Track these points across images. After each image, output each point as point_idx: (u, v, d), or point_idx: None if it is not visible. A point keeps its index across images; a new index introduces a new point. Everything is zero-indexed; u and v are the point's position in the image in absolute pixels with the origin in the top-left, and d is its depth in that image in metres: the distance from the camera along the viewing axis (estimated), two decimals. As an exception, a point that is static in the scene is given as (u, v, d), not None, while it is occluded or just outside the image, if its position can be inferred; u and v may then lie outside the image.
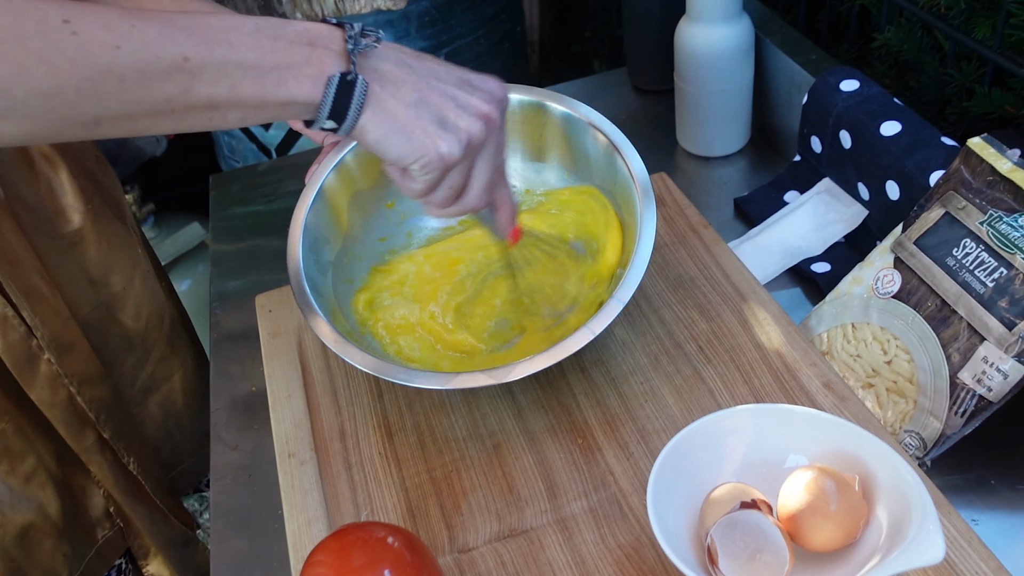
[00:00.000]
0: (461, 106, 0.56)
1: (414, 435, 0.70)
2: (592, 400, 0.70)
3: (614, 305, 0.64)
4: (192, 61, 0.49)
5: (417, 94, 0.55)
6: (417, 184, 0.58)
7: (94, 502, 0.85)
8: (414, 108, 0.54)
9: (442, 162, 0.56)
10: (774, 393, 0.67)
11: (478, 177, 0.59)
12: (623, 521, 0.62)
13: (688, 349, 0.72)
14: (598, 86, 1.17)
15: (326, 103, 0.52)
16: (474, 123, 0.56)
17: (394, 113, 0.54)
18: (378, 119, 0.54)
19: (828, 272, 0.80)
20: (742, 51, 0.90)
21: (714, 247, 0.80)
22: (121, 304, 0.85)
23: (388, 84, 0.54)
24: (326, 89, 0.52)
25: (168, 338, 0.91)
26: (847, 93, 0.81)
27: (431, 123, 0.55)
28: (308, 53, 0.52)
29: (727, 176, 0.97)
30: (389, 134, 0.54)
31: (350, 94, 0.53)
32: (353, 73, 0.53)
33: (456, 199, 0.60)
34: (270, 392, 0.75)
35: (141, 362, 0.88)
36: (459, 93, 0.56)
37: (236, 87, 0.50)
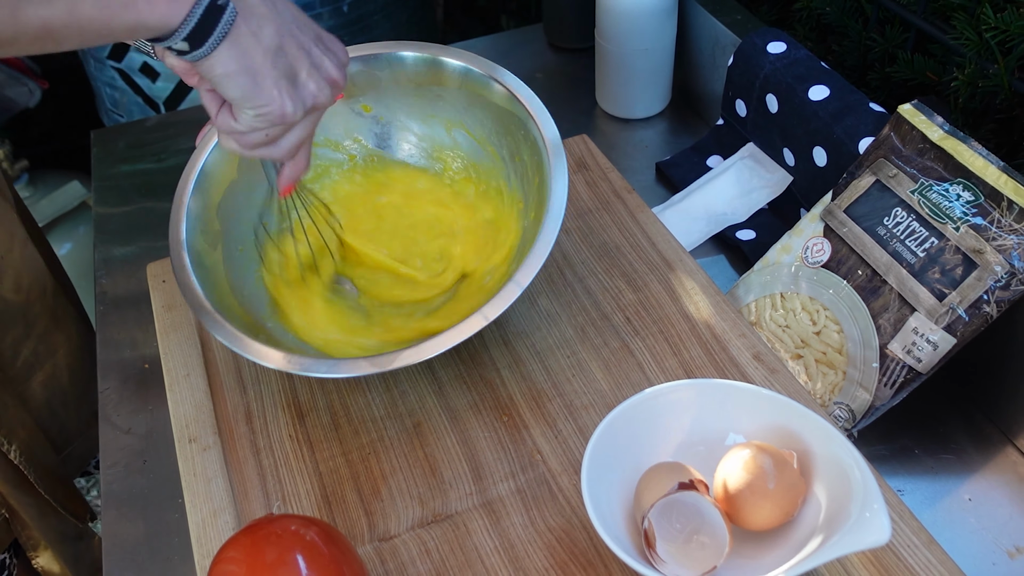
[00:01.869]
0: (315, 65, 0.52)
1: (327, 415, 0.65)
2: (517, 375, 0.67)
3: (512, 289, 0.59)
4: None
5: (278, 39, 0.50)
6: (239, 125, 0.53)
7: None
8: (272, 54, 0.50)
9: (281, 119, 0.52)
10: (704, 366, 0.66)
11: (296, 135, 0.55)
12: (553, 503, 0.59)
13: (615, 320, 0.70)
14: (511, 43, 1.12)
15: (187, 25, 0.46)
16: (323, 88, 0.53)
17: (251, 52, 0.49)
18: (232, 53, 0.48)
19: (753, 239, 0.78)
20: (665, 8, 0.87)
21: (639, 213, 0.78)
22: None
23: (252, 19, 0.49)
24: (191, 10, 0.46)
25: (51, 310, 0.83)
26: (774, 55, 0.79)
27: (283, 76, 0.51)
28: None
29: (648, 139, 0.95)
30: (239, 72, 0.49)
31: (216, 21, 0.47)
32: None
33: (265, 146, 0.55)
34: (166, 370, 0.69)
35: (22, 338, 0.80)
36: (315, 49, 0.52)
37: (75, 9, 0.43)
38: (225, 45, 0.48)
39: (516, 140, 0.69)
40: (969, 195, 0.60)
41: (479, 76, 0.70)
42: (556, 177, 0.63)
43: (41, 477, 0.82)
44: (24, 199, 1.56)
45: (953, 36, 0.73)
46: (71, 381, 0.87)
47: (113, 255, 0.86)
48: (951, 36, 0.73)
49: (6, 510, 0.81)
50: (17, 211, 0.82)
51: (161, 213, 0.90)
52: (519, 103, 0.67)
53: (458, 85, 0.71)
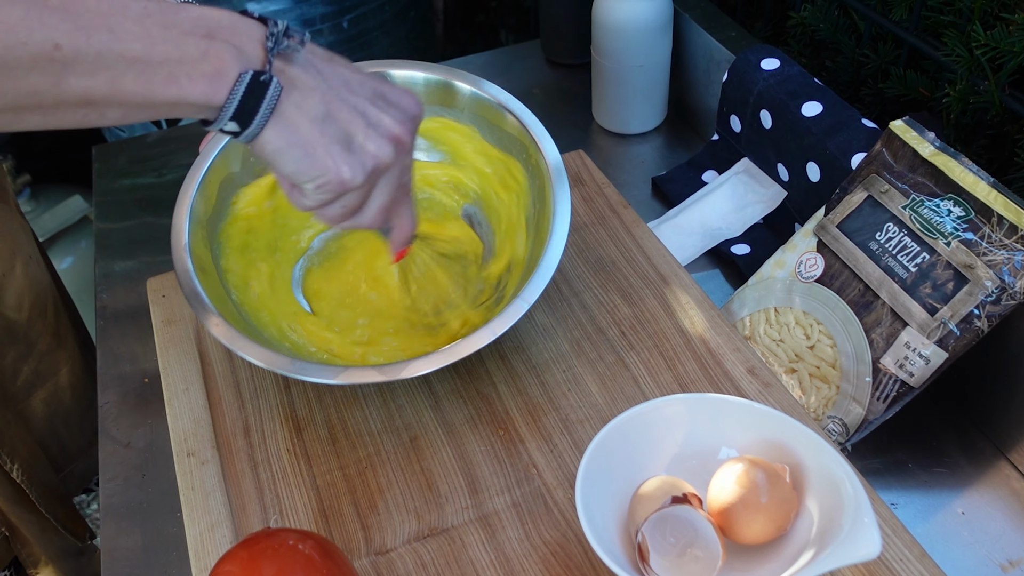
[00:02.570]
0: (372, 125, 0.50)
1: (325, 429, 0.66)
2: (513, 389, 0.67)
3: (519, 305, 0.60)
4: (65, 49, 0.41)
5: (325, 106, 0.49)
6: (308, 201, 0.52)
7: None
8: (320, 123, 0.49)
9: (341, 187, 0.50)
10: (699, 380, 0.66)
11: (377, 199, 0.54)
12: (548, 517, 0.59)
13: (611, 335, 0.70)
14: (509, 58, 1.13)
15: (231, 104, 0.46)
16: (383, 146, 0.51)
17: (297, 125, 0.48)
18: (278, 129, 0.48)
19: (748, 254, 0.79)
20: (660, 25, 0.88)
21: (635, 228, 0.78)
22: (1, 293, 0.77)
23: (294, 91, 0.48)
24: (233, 88, 0.45)
25: (53, 329, 0.84)
26: (768, 72, 0.80)
27: (335, 142, 0.49)
28: (205, 47, 0.45)
29: (644, 154, 0.95)
30: (288, 147, 0.48)
31: (260, 97, 0.46)
32: (268, 74, 0.46)
33: (350, 216, 0.54)
34: (165, 385, 0.69)
35: (24, 356, 0.81)
36: (371, 109, 0.51)
37: (117, 82, 0.43)
38: (271, 121, 0.47)
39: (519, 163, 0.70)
40: (960, 211, 0.61)
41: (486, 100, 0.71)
42: (559, 201, 0.64)
43: (42, 496, 0.82)
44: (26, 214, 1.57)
45: (944, 53, 0.73)
46: (73, 400, 0.87)
47: (114, 270, 0.86)
48: (942, 53, 0.74)
49: (6, 528, 0.81)
50: (23, 228, 0.83)
51: (162, 228, 0.91)
52: (522, 127, 0.68)
53: (464, 107, 0.72)
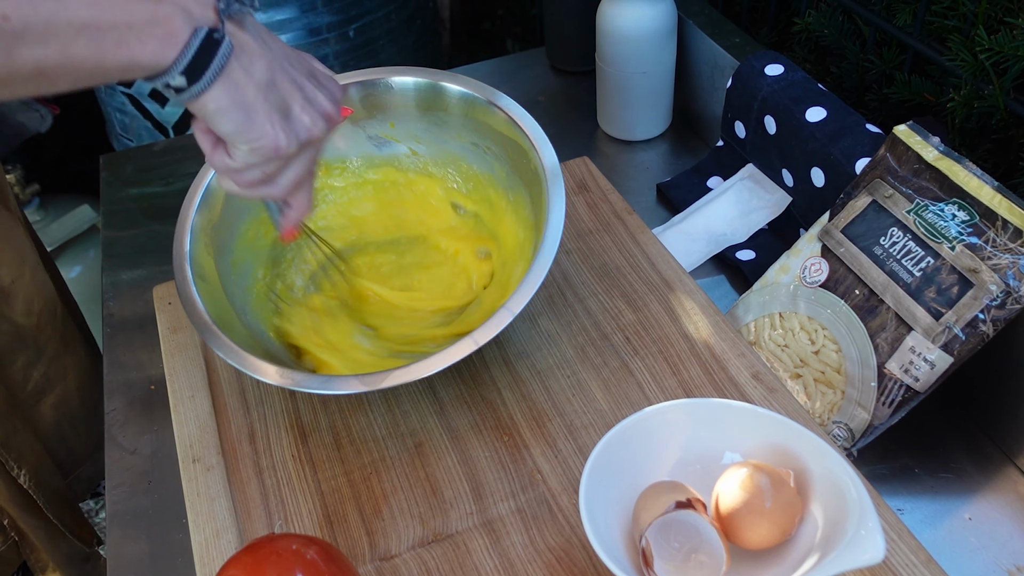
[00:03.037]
0: (308, 99, 0.53)
1: (329, 435, 0.66)
2: (517, 395, 0.67)
3: (503, 315, 0.60)
4: (13, 20, 0.41)
5: (270, 74, 0.50)
6: (234, 163, 0.53)
7: None
8: (264, 89, 0.50)
9: (275, 152, 0.52)
10: (703, 385, 0.66)
11: (293, 171, 0.56)
12: (552, 522, 0.59)
13: (615, 340, 0.70)
14: (514, 66, 1.13)
15: (183, 59, 0.46)
16: (317, 121, 0.53)
17: (242, 87, 0.49)
18: (224, 88, 0.49)
19: (753, 260, 0.79)
20: (665, 32, 0.88)
21: (639, 234, 0.78)
22: (9, 299, 0.78)
23: (243, 55, 0.49)
24: (187, 44, 0.46)
25: (61, 334, 0.84)
26: (772, 78, 0.80)
27: (275, 109, 0.51)
28: (153, 9, 0.45)
29: (649, 161, 0.96)
30: (231, 107, 0.49)
31: (212, 54, 0.47)
32: (221, 32, 0.47)
33: (264, 184, 0.56)
34: (171, 392, 0.70)
35: (33, 362, 0.81)
36: (307, 84, 0.53)
37: (67, 49, 0.43)
38: (218, 81, 0.48)
39: (516, 166, 0.70)
40: (964, 215, 0.61)
41: (480, 102, 0.71)
42: (553, 205, 0.64)
43: (49, 501, 0.82)
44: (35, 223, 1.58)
45: (949, 57, 0.73)
46: (80, 404, 0.88)
47: (121, 278, 0.87)
48: (947, 57, 0.74)
49: (15, 533, 0.81)
50: (29, 236, 0.83)
51: (169, 236, 0.91)
52: (519, 129, 0.69)
53: (460, 111, 0.72)
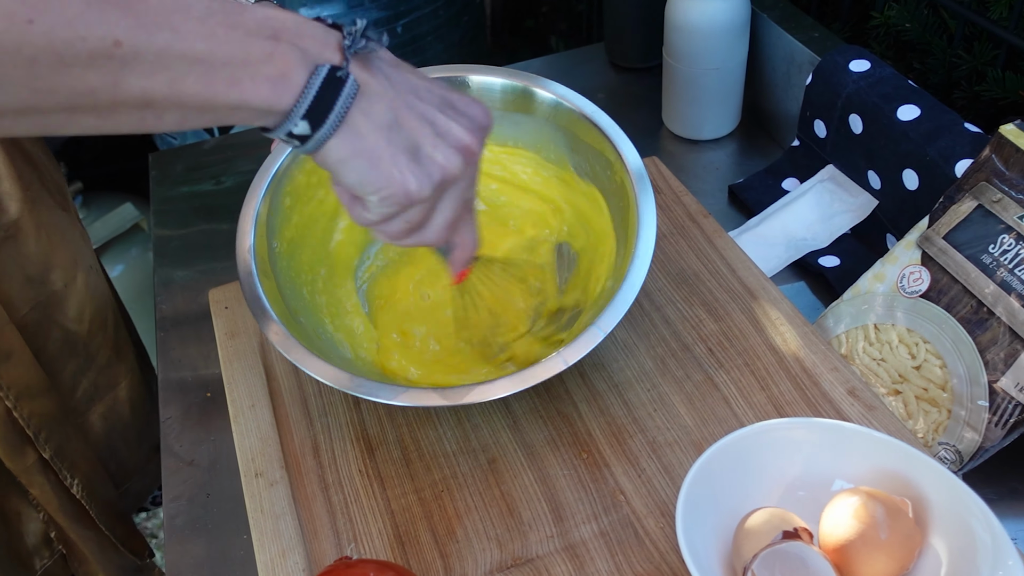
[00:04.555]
0: (440, 134, 0.47)
1: (398, 450, 0.63)
2: (595, 409, 0.64)
3: (594, 334, 0.56)
4: (125, 46, 0.38)
5: (392, 114, 0.46)
6: (370, 215, 0.49)
7: (30, 528, 0.76)
8: (387, 131, 0.45)
9: (407, 199, 0.47)
10: (795, 402, 0.62)
11: (442, 214, 0.50)
12: (640, 547, 0.55)
13: (697, 352, 0.66)
14: (570, 63, 1.10)
15: (303, 101, 0.42)
16: (452, 157, 0.48)
17: (363, 133, 0.45)
18: (344, 137, 0.45)
19: (838, 266, 0.74)
20: (738, 26, 0.84)
21: (716, 239, 0.74)
22: (62, 304, 0.75)
23: (363, 98, 0.45)
24: (306, 84, 0.42)
25: (113, 341, 0.82)
26: (858, 74, 0.75)
27: (402, 152, 0.46)
28: (270, 49, 0.42)
29: (718, 161, 0.91)
30: (353, 156, 0.45)
31: (335, 95, 0.43)
32: (345, 70, 0.43)
33: (412, 233, 0.51)
34: (231, 401, 0.67)
35: (83, 369, 0.78)
36: (439, 117, 0.47)
37: (177, 83, 0.40)
38: (338, 129, 0.44)
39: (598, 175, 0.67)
40: (1085, 221, 0.56)
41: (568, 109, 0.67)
42: (644, 219, 0.60)
43: (101, 512, 0.80)
44: (78, 221, 1.56)
45: (1053, 53, 0.69)
46: (131, 414, 0.85)
47: (173, 279, 0.84)
48: (1050, 53, 0.69)
49: (63, 545, 0.79)
50: (84, 239, 0.81)
51: (220, 235, 0.89)
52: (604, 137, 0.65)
53: (546, 116, 0.68)
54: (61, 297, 0.75)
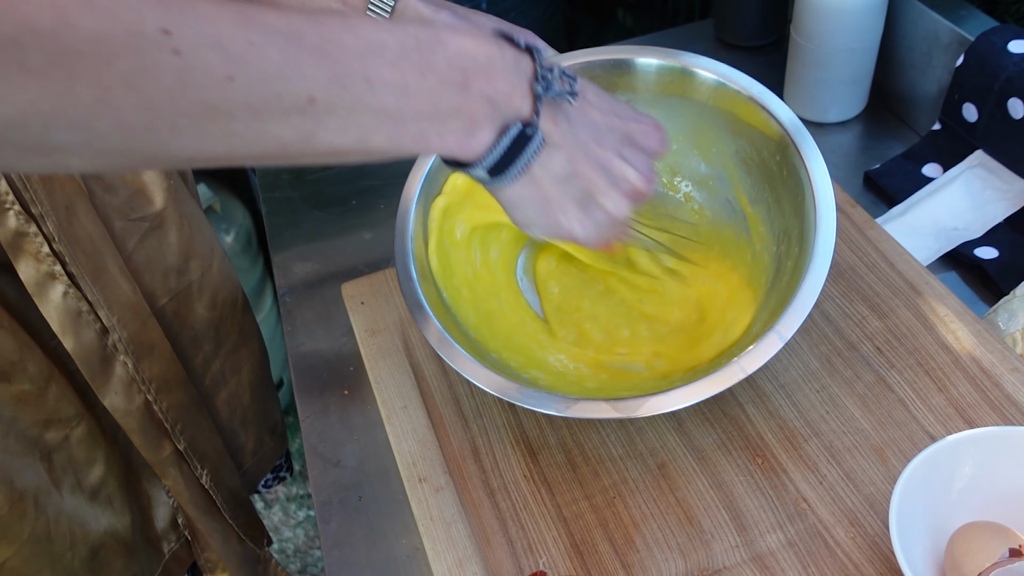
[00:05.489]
0: (613, 182, 0.49)
1: (561, 454, 0.61)
2: (763, 411, 0.62)
3: (773, 341, 0.54)
4: (319, 103, 0.37)
5: (570, 166, 0.47)
6: (533, 235, 0.51)
7: (160, 512, 0.75)
8: (562, 182, 0.47)
9: (571, 239, 0.50)
10: (977, 404, 0.59)
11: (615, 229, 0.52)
12: (832, 559, 0.54)
13: (864, 351, 0.64)
14: (678, 41, 1.06)
15: (489, 158, 0.44)
16: (621, 203, 0.49)
17: (539, 182, 0.47)
18: (521, 183, 0.46)
19: (996, 258, 0.71)
20: (877, 4, 0.81)
21: (868, 229, 0.71)
22: (198, 293, 0.74)
23: (544, 150, 0.46)
24: (494, 143, 0.43)
25: (240, 325, 0.81)
26: (1019, 55, 0.72)
27: (573, 201, 0.48)
28: (459, 100, 0.42)
29: (847, 144, 0.88)
30: (525, 201, 0.48)
31: (520, 151, 0.44)
32: (534, 127, 0.44)
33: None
34: (381, 402, 0.65)
35: (213, 355, 0.78)
36: (615, 163, 0.48)
37: (366, 138, 0.40)
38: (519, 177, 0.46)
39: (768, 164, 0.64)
40: None
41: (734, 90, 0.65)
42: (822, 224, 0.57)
43: (226, 501, 0.79)
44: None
45: None
46: (251, 397, 0.84)
47: (294, 273, 0.82)
48: None
49: (188, 531, 0.79)
50: (210, 226, 0.79)
51: (333, 228, 0.87)
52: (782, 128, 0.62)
53: (706, 99, 0.66)
54: (199, 286, 0.74)
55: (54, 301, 0.61)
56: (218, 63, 0.34)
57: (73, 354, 0.62)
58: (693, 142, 0.69)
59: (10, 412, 0.61)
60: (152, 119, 0.33)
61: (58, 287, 0.61)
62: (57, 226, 0.59)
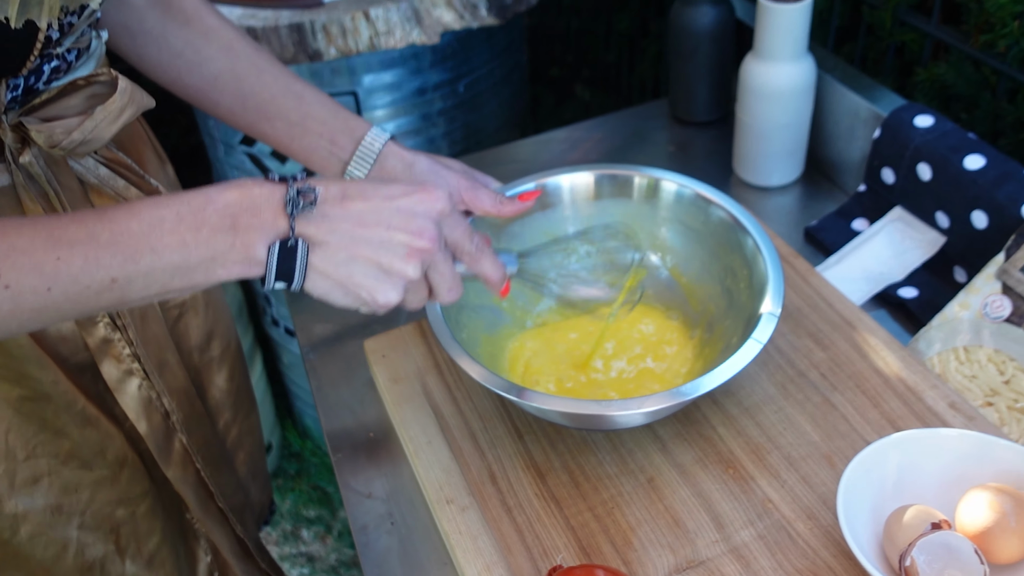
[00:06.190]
0: (393, 250, 0.55)
1: (565, 474, 0.72)
2: (732, 431, 0.74)
3: (752, 346, 0.67)
4: (120, 280, 0.51)
5: (345, 252, 0.55)
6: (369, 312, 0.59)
7: (200, 568, 0.84)
8: (346, 266, 0.55)
9: (387, 307, 0.57)
10: (906, 415, 0.72)
11: (439, 283, 0.60)
12: (795, 547, 0.65)
13: (812, 377, 0.76)
14: (637, 119, 1.20)
15: (270, 273, 0.53)
16: (408, 264, 0.56)
17: (328, 272, 0.55)
18: (315, 279, 0.55)
19: (917, 297, 0.85)
20: (806, 87, 0.96)
21: (810, 277, 0.85)
22: (219, 367, 0.85)
23: (317, 249, 0.54)
24: (267, 261, 0.53)
25: (249, 394, 0.92)
26: (923, 128, 0.87)
27: (366, 276, 0.55)
28: (231, 240, 0.52)
29: (788, 205, 1.02)
30: (330, 290, 0.56)
31: (293, 259, 0.54)
32: (293, 239, 0.53)
33: (425, 301, 0.61)
34: (407, 439, 0.76)
35: (231, 422, 0.88)
36: (388, 236, 0.55)
37: (166, 286, 0.52)
38: (308, 275, 0.55)
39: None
40: None
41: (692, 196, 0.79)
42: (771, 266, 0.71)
43: (256, 548, 0.89)
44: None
45: (1094, 106, 0.80)
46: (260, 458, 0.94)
47: (315, 333, 0.93)
48: (1091, 106, 0.81)
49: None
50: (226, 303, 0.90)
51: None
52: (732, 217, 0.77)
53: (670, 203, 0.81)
54: (219, 362, 0.85)
55: (131, 393, 0.71)
56: (38, 282, 0.49)
57: (145, 436, 0.73)
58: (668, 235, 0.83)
59: (88, 494, 0.71)
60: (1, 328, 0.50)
61: (134, 381, 0.72)
62: (135, 332, 0.70)
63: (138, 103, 0.62)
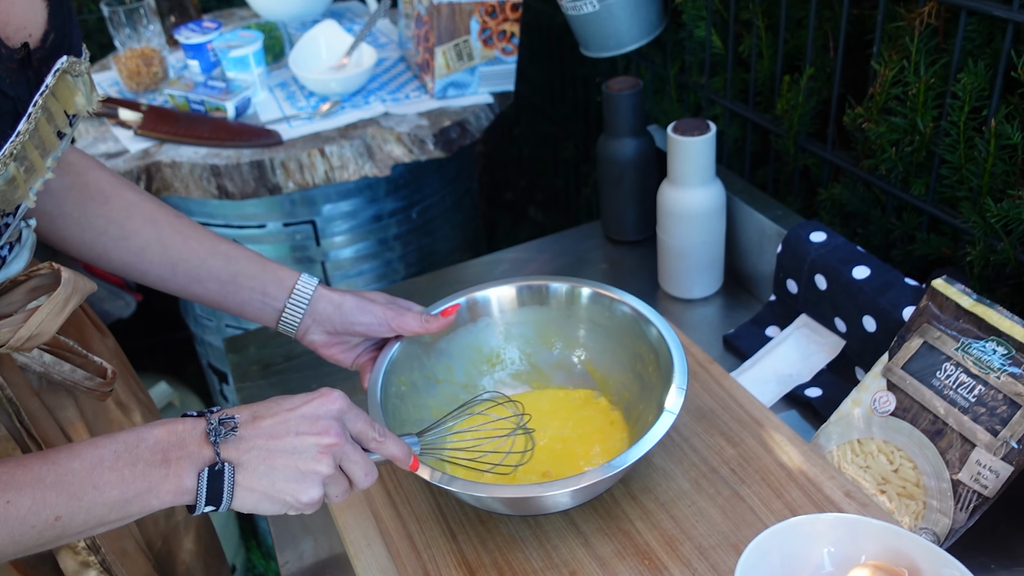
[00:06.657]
0: (305, 452, 0.63)
1: (494, 571, 0.77)
2: (648, 524, 0.79)
3: (666, 417, 0.76)
4: (64, 517, 0.56)
5: (263, 465, 0.62)
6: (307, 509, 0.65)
7: None
8: (267, 476, 0.62)
9: (312, 506, 0.64)
10: (805, 504, 0.78)
11: (354, 471, 0.67)
12: (703, 630, 0.70)
13: (723, 472, 0.83)
14: (574, 239, 1.30)
15: (200, 498, 0.60)
16: (321, 462, 0.63)
17: (251, 488, 0.62)
18: (241, 496, 0.62)
19: (821, 396, 0.93)
20: (717, 209, 1.06)
21: (723, 380, 0.92)
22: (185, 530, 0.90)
23: (239, 468, 0.62)
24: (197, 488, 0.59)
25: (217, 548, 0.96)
26: (818, 243, 0.96)
27: (285, 481, 0.62)
28: (163, 472, 0.59)
29: (709, 315, 1.11)
30: (257, 503, 0.63)
31: (221, 481, 0.60)
32: (220, 463, 0.61)
33: (348, 491, 0.68)
34: (349, 542, 0.81)
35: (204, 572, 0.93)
36: (297, 441, 0.63)
37: (104, 519, 0.58)
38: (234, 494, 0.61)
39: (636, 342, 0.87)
40: (1003, 349, 0.76)
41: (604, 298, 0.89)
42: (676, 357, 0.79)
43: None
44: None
45: (962, 220, 0.90)
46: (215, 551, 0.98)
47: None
48: (960, 220, 0.91)
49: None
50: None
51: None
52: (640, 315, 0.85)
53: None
54: (185, 525, 0.90)
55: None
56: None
57: None
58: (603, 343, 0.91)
59: None
60: None
61: (91, 573, 0.75)
62: None
63: (81, 291, 0.66)
